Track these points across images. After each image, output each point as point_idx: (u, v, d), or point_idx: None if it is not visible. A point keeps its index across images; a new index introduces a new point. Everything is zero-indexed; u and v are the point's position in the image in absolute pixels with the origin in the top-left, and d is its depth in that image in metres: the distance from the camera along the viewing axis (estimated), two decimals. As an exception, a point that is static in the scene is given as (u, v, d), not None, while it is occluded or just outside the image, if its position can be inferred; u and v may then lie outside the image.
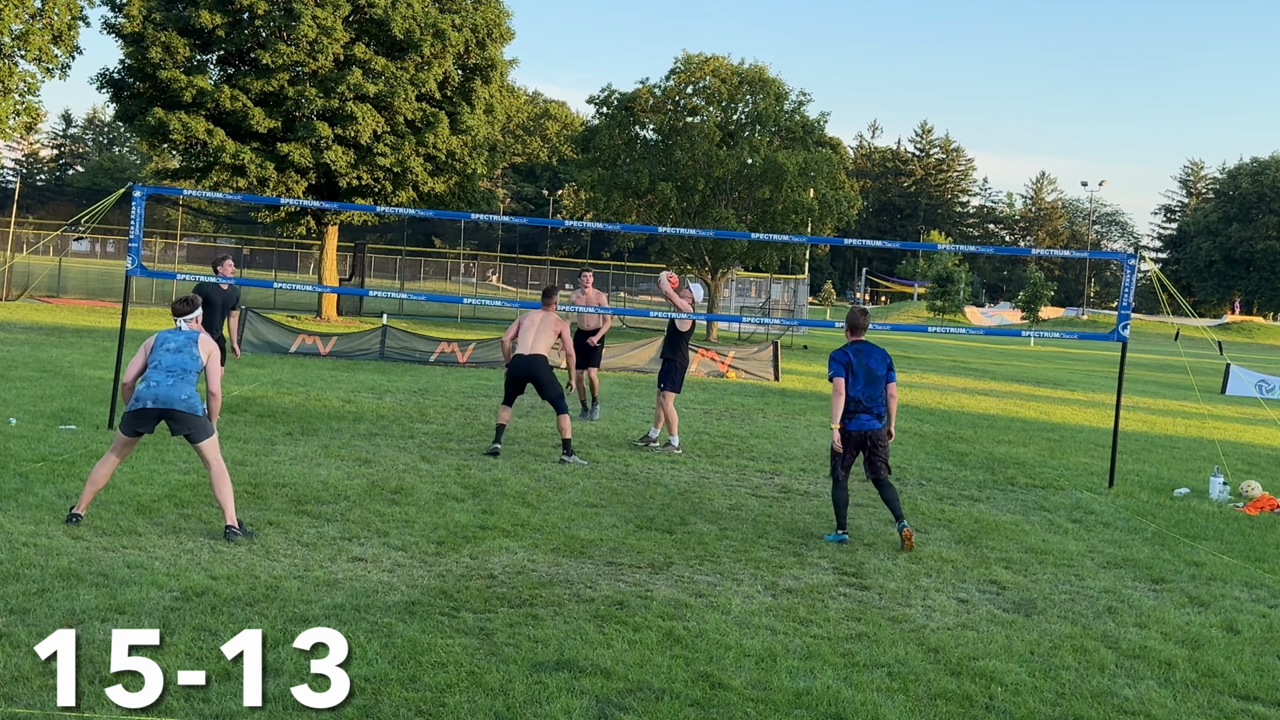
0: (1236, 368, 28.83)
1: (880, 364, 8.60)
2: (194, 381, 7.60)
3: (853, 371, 8.53)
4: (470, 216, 12.86)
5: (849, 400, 8.49)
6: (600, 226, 13.58)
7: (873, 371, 8.55)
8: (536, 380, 11.39)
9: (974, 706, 5.28)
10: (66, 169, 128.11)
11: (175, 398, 7.45)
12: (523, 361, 11.41)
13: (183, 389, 7.49)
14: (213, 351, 7.80)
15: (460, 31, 33.12)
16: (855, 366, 8.55)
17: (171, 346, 7.67)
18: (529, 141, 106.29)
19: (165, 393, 7.44)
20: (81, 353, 18.88)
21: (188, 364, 7.60)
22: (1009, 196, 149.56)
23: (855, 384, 8.51)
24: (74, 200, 61.62)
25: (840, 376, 8.52)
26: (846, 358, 8.59)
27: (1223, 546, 9.21)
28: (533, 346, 11.44)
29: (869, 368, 8.56)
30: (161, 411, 7.47)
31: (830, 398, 8.70)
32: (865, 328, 8.75)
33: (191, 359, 7.63)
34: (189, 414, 7.47)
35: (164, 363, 7.59)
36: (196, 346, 7.69)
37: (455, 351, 21.80)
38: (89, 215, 13.81)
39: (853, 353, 8.61)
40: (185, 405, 7.46)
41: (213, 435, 7.59)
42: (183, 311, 7.92)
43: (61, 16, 32.10)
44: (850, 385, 8.51)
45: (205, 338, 7.82)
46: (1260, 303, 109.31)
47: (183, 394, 7.47)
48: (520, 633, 5.83)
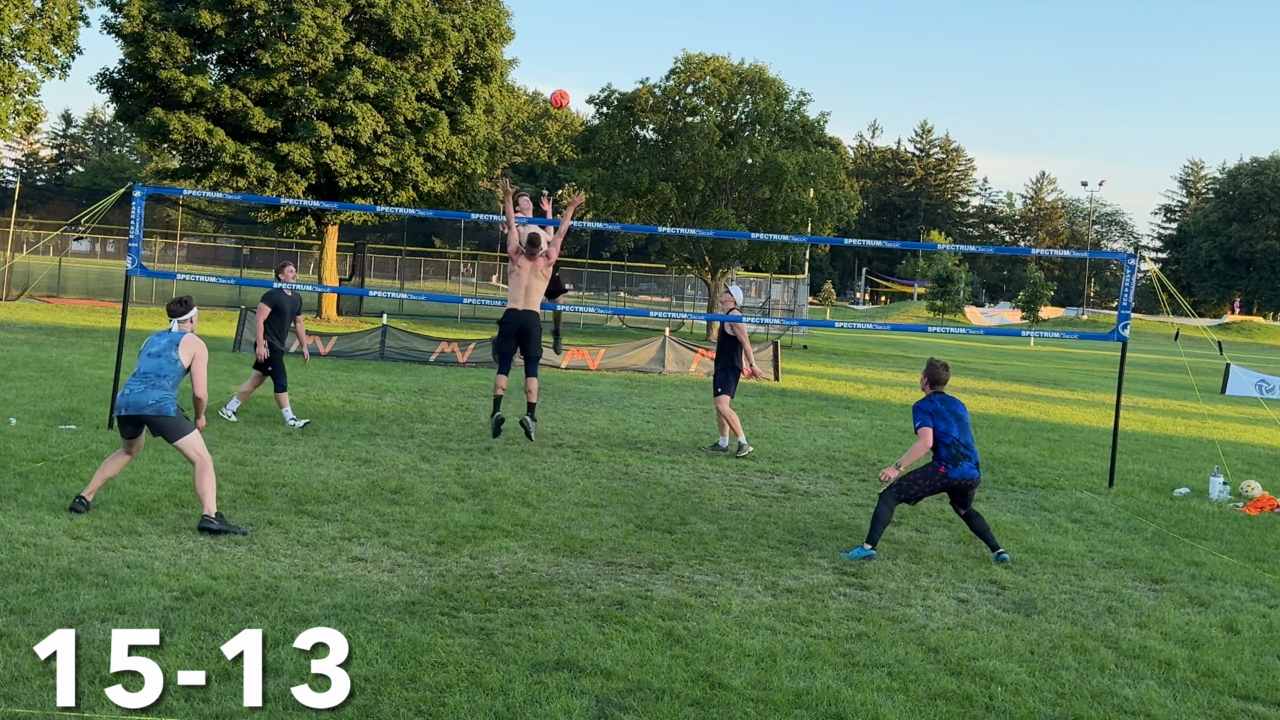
0: (1236, 368, 28.84)
1: (966, 413, 8.44)
2: (169, 385, 7.69)
3: (943, 418, 8.30)
4: (470, 216, 12.87)
5: (954, 444, 8.22)
6: (600, 226, 13.59)
7: (963, 419, 8.35)
8: (527, 337, 11.11)
9: (974, 706, 5.28)
10: (66, 169, 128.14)
11: (144, 404, 7.59)
12: (518, 316, 11.09)
13: (151, 394, 7.60)
14: (198, 353, 7.85)
15: (460, 31, 33.12)
16: (946, 414, 8.32)
17: (153, 350, 7.80)
18: (529, 141, 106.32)
19: (135, 399, 7.61)
20: (81, 353, 18.88)
21: (164, 368, 7.70)
22: (1009, 196, 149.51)
23: (950, 429, 8.26)
24: (74, 200, 61.62)
25: (928, 426, 8.25)
26: (934, 406, 8.37)
27: (1223, 546, 9.22)
28: (526, 301, 11.10)
29: (959, 415, 8.36)
30: (133, 417, 7.63)
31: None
32: (946, 381, 8.55)
33: (169, 362, 7.72)
34: (158, 417, 7.59)
35: (140, 368, 7.75)
36: (177, 350, 7.78)
37: (455, 351, 21.81)
38: (89, 215, 13.81)
39: (940, 401, 8.41)
40: (154, 409, 7.58)
41: (190, 433, 7.67)
42: (176, 313, 8.00)
43: (61, 16, 32.10)
44: (946, 431, 8.26)
45: (190, 340, 7.90)
46: (1260, 303, 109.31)
47: (150, 399, 7.58)
48: (520, 633, 5.83)
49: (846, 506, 9.93)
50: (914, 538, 8.82)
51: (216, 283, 14.41)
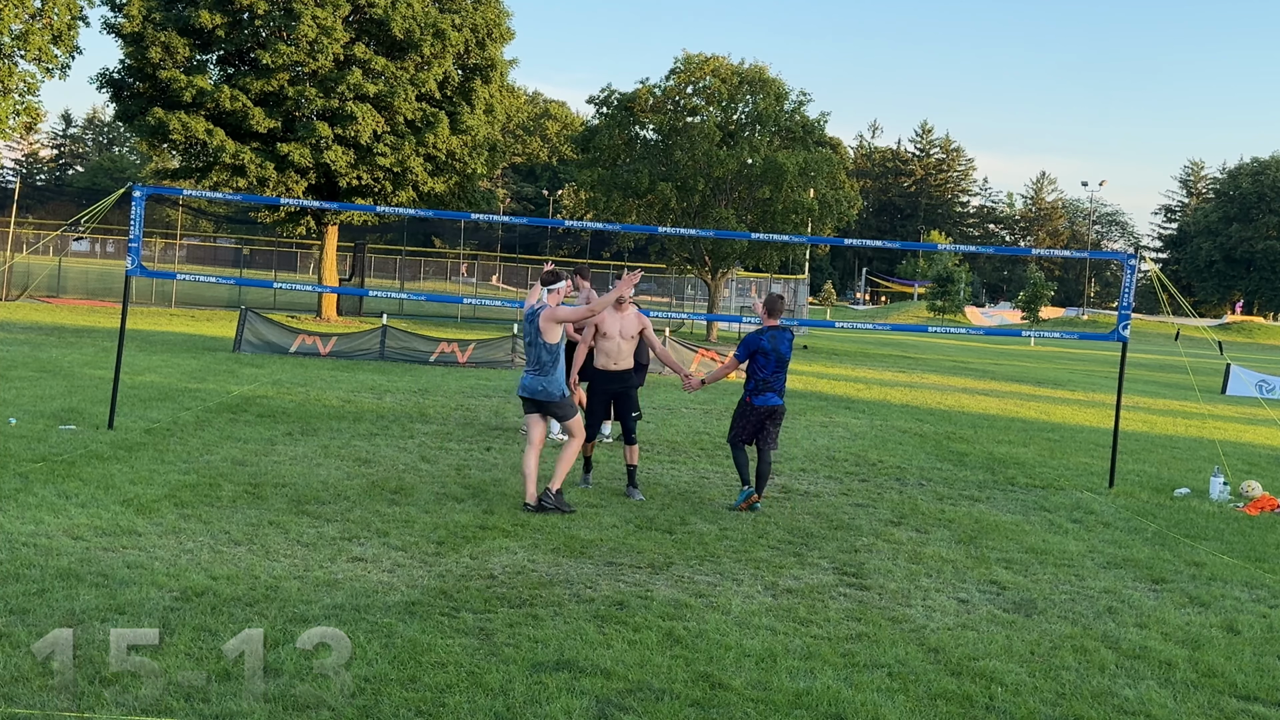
0: (1237, 368, 28.82)
1: (790, 349, 9.63)
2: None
3: (764, 355, 9.47)
4: (470, 216, 12.88)
5: (762, 382, 9.48)
6: (600, 226, 13.58)
7: (784, 357, 9.53)
8: (622, 399, 9.93)
9: (974, 706, 5.27)
10: (66, 169, 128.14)
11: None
12: (614, 378, 9.84)
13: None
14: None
15: (460, 31, 33.11)
16: (769, 352, 9.47)
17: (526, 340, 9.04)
18: (529, 141, 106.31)
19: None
20: (81, 353, 18.88)
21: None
22: (1009, 196, 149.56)
23: (765, 369, 9.47)
24: (74, 200, 61.58)
25: (743, 362, 9.58)
26: (761, 344, 9.49)
27: (1223, 546, 9.21)
28: (620, 359, 9.86)
29: (781, 352, 9.50)
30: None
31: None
32: (782, 312, 9.71)
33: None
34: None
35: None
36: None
37: (455, 351, 21.80)
38: (89, 215, 13.81)
39: (768, 340, 9.50)
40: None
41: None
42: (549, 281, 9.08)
43: (61, 16, 32.10)
44: (762, 368, 9.49)
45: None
46: (1261, 303, 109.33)
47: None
48: (520, 633, 5.83)
49: (847, 507, 9.93)
50: (914, 538, 8.82)
51: (216, 283, 14.41)
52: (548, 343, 8.83)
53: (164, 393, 14.24)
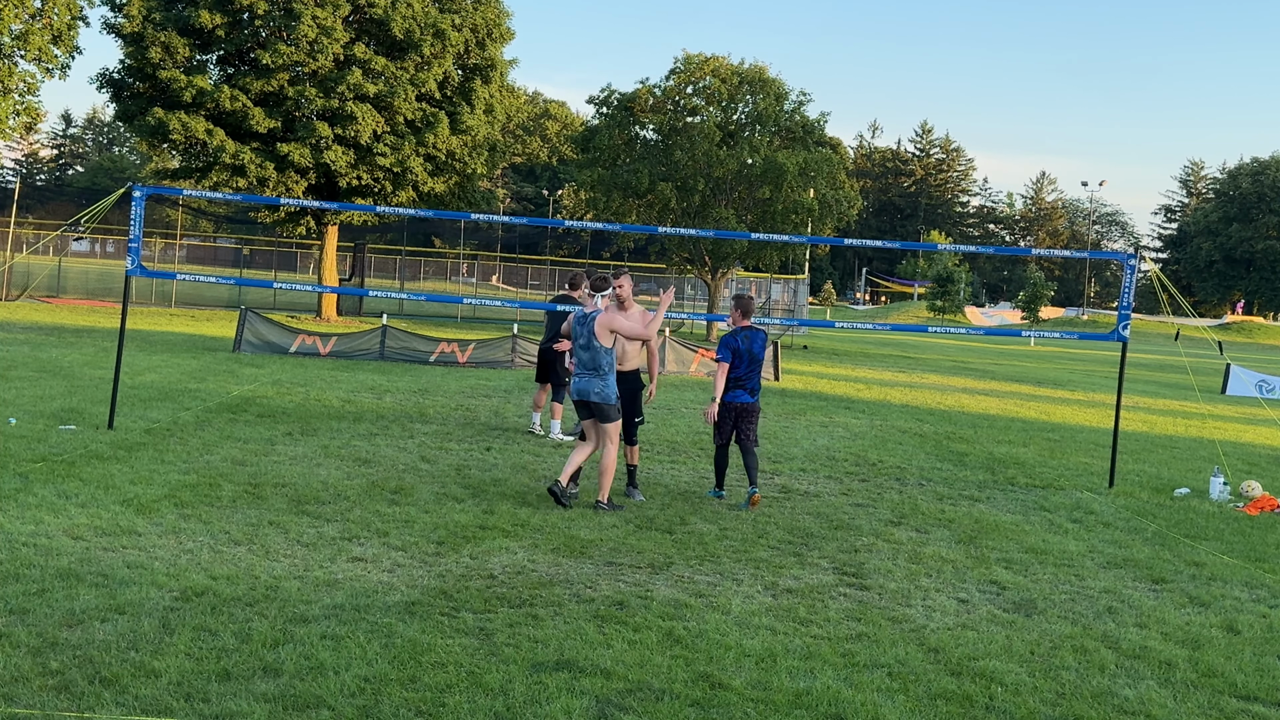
0: (1237, 368, 28.83)
1: (763, 349, 9.88)
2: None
3: (740, 356, 9.74)
4: (470, 216, 12.88)
5: (735, 380, 9.76)
6: (600, 226, 13.58)
7: (757, 356, 9.78)
8: (626, 399, 9.92)
9: (974, 706, 5.27)
10: (66, 169, 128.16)
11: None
12: (619, 378, 9.88)
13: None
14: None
15: (460, 31, 33.11)
16: (743, 353, 9.74)
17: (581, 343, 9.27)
18: (529, 141, 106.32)
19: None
20: (81, 353, 18.88)
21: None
22: (1009, 196, 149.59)
23: (739, 368, 9.78)
24: (74, 200, 61.56)
25: (726, 361, 9.77)
26: (736, 344, 9.76)
27: (1223, 546, 9.21)
28: (626, 360, 10.07)
29: (754, 353, 9.77)
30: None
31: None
32: (753, 312, 10.00)
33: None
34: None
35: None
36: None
37: (455, 351, 21.80)
38: (89, 215, 13.81)
39: (742, 340, 9.76)
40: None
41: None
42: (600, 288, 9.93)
43: (61, 16, 32.10)
44: (734, 367, 9.78)
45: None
46: (1261, 303, 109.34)
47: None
48: (520, 633, 5.83)
49: (847, 507, 9.93)
50: (914, 538, 8.82)
51: (216, 283, 14.40)
52: (603, 346, 9.22)
53: (164, 393, 14.24)
